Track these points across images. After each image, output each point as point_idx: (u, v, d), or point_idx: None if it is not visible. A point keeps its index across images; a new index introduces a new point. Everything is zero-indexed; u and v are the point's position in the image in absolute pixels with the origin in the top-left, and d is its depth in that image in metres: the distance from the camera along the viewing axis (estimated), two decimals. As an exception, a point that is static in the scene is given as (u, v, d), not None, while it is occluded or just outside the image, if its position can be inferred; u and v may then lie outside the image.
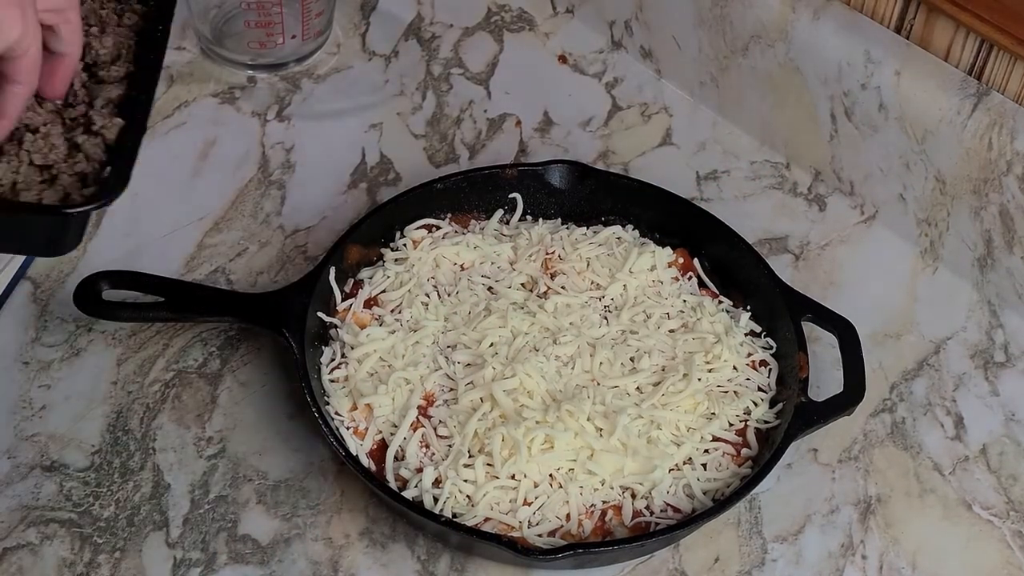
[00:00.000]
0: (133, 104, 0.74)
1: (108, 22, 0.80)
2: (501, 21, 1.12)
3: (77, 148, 0.72)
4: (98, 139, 0.72)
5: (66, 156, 0.72)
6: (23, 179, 0.71)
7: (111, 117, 0.73)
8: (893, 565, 0.82)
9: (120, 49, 0.78)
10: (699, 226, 0.92)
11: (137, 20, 0.80)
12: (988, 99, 0.89)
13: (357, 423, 0.82)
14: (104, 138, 0.72)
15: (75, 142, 0.72)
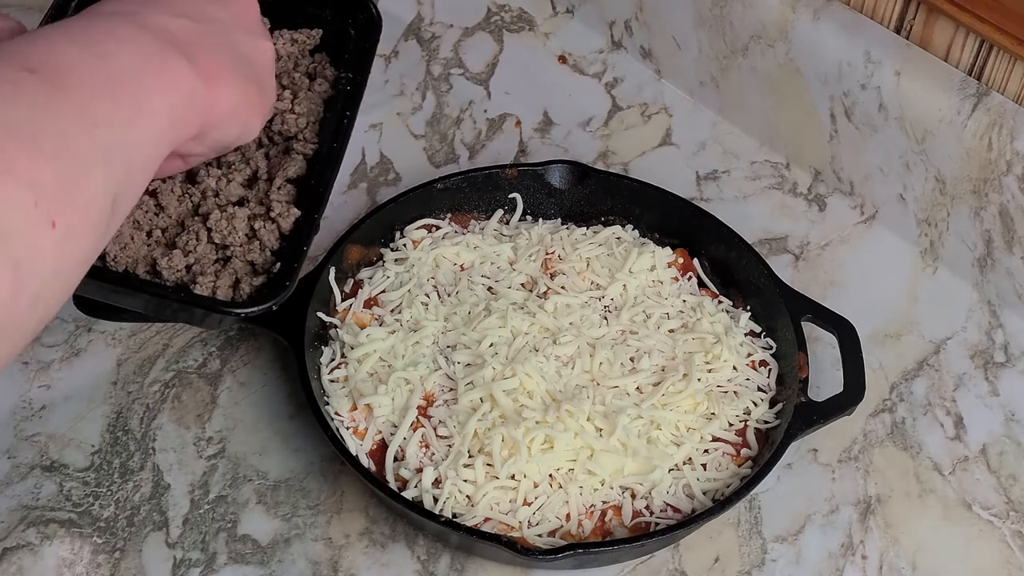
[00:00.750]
0: (311, 194, 0.75)
1: (300, 87, 0.79)
2: (501, 21, 1.12)
3: (255, 234, 0.73)
4: (274, 226, 0.73)
5: (244, 241, 0.73)
6: (199, 257, 0.72)
7: (289, 206, 0.74)
8: (893, 565, 0.82)
9: (309, 118, 0.78)
10: (699, 226, 0.92)
11: (327, 88, 0.80)
12: (988, 99, 0.89)
13: (357, 423, 0.82)
14: (279, 227, 0.73)
15: (253, 227, 0.73)
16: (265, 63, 0.68)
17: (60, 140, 0.52)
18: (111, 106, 0.56)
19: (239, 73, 0.65)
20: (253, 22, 0.69)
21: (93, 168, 0.54)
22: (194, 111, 0.62)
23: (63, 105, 0.54)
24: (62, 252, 0.52)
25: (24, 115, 0.51)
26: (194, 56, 0.61)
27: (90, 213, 0.53)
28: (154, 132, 0.58)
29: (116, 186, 0.55)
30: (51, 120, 0.52)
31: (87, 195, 0.53)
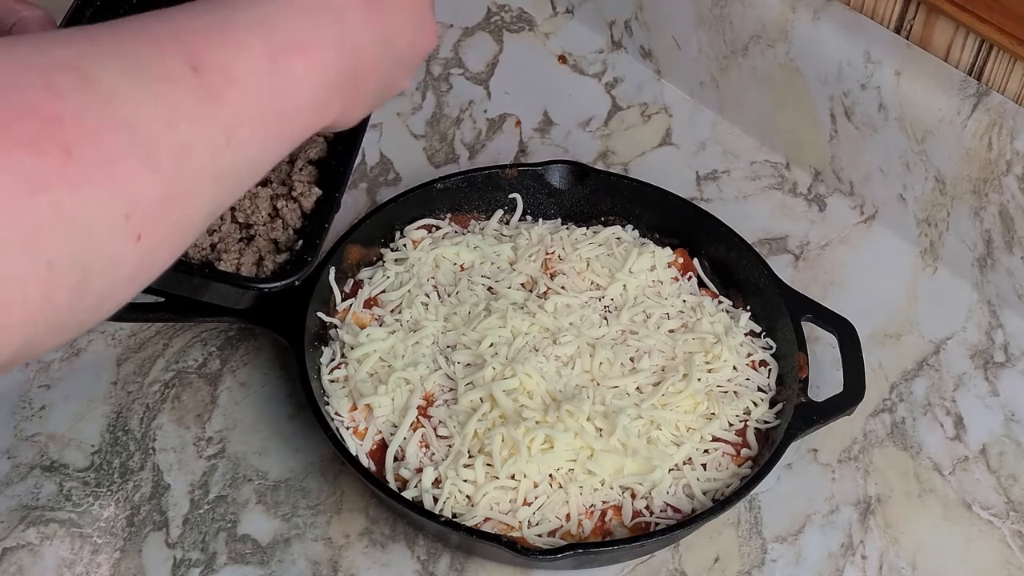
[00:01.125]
0: (332, 173, 0.76)
1: None
2: (501, 21, 1.12)
3: (277, 213, 0.75)
4: (296, 205, 0.75)
5: (267, 220, 0.75)
6: (223, 236, 0.73)
7: (310, 185, 0.76)
8: (893, 565, 0.82)
9: None
10: (699, 226, 0.92)
11: None
12: (988, 99, 0.89)
13: (357, 423, 0.82)
14: (301, 206, 0.75)
15: (276, 207, 0.75)
16: (391, 96, 0.66)
17: (182, 155, 0.49)
18: (254, 132, 0.53)
19: (372, 104, 0.63)
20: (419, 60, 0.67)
21: (202, 187, 0.51)
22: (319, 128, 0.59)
23: (206, 118, 0.51)
24: (141, 263, 0.50)
25: (154, 120, 0.48)
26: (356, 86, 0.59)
27: (181, 229, 0.51)
28: (280, 152, 0.56)
29: (218, 204, 0.53)
30: (184, 130, 0.50)
31: (184, 212, 0.51)
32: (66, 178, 0.45)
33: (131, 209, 0.47)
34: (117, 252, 0.48)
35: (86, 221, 0.46)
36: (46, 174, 0.44)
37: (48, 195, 0.44)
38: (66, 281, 0.46)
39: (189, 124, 0.50)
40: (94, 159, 0.46)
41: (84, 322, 0.49)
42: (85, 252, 0.46)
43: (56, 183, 0.45)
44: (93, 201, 0.46)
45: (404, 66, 0.65)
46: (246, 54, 0.53)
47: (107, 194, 0.46)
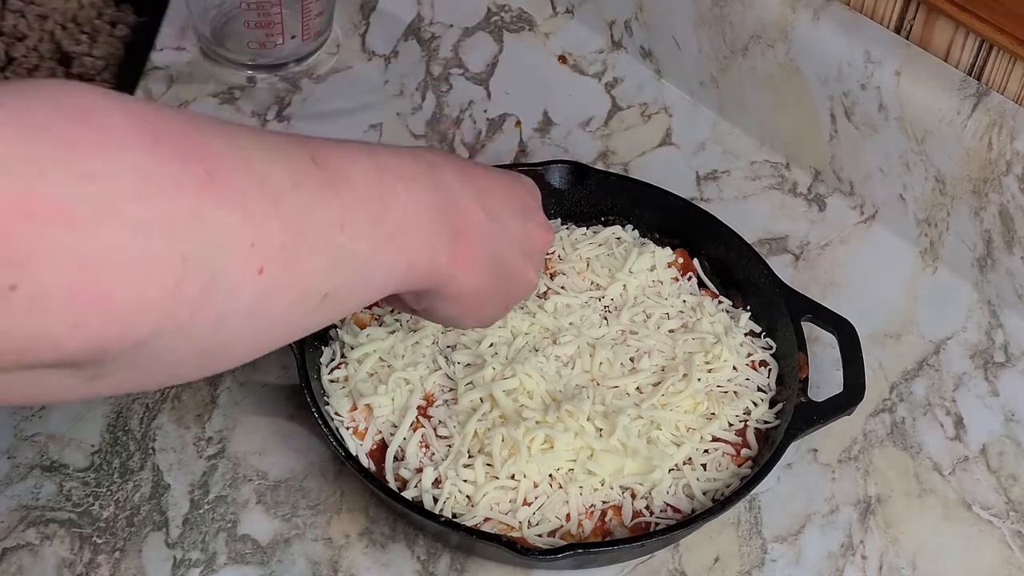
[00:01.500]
0: None
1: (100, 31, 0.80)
2: (501, 21, 1.12)
3: None
4: None
5: None
6: None
7: None
8: (893, 565, 0.82)
9: (108, 62, 0.78)
10: (699, 226, 0.92)
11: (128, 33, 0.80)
12: (988, 99, 0.89)
13: (357, 423, 0.82)
14: None
15: None
16: (519, 289, 0.74)
17: (303, 216, 0.55)
18: (365, 227, 0.59)
19: (488, 275, 0.69)
20: (535, 250, 0.73)
21: (316, 257, 0.56)
22: (432, 273, 0.65)
23: (323, 199, 0.57)
24: (261, 299, 0.53)
25: (281, 180, 0.54)
26: (461, 237, 0.66)
27: (299, 287, 0.56)
28: (388, 265, 0.62)
29: (330, 287, 0.58)
30: (304, 198, 0.55)
31: (302, 270, 0.55)
32: (205, 193, 0.50)
33: (256, 239, 0.52)
34: (240, 276, 0.52)
35: (218, 234, 0.50)
36: (189, 184, 0.49)
37: (189, 201, 0.49)
38: (196, 278, 0.50)
39: (310, 196, 0.56)
40: (229, 187, 0.51)
41: (201, 339, 0.52)
42: (214, 260, 0.50)
43: (197, 193, 0.50)
44: (225, 220, 0.51)
45: (519, 249, 0.71)
46: (358, 163, 0.60)
47: (237, 219, 0.51)
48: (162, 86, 1.04)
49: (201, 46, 1.07)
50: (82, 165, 0.46)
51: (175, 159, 0.49)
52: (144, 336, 0.49)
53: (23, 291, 0.45)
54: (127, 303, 0.48)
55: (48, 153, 0.45)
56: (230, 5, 1.05)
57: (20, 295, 0.45)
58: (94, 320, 0.47)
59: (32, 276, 0.45)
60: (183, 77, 1.05)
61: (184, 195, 0.49)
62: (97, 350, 0.48)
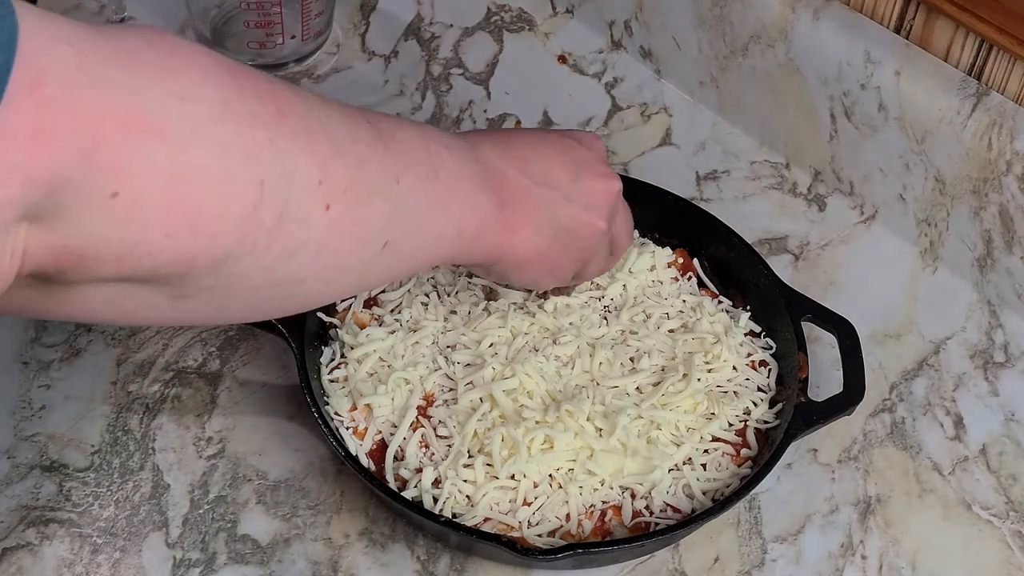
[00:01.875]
0: None
1: None
2: (501, 21, 1.12)
3: None
4: None
5: None
6: None
7: None
8: (893, 565, 0.82)
9: None
10: (699, 226, 0.92)
11: None
12: (988, 99, 0.89)
13: (357, 423, 0.82)
14: None
15: None
16: (588, 235, 0.75)
17: (362, 164, 0.59)
18: (415, 182, 0.63)
19: (547, 236, 0.72)
20: (599, 203, 0.75)
21: (376, 204, 0.60)
22: (483, 241, 0.69)
23: (378, 153, 0.61)
24: (329, 236, 0.57)
25: (341, 131, 0.59)
26: (507, 205, 0.69)
27: (362, 229, 0.60)
28: (440, 227, 0.66)
29: (390, 235, 0.61)
30: (361, 150, 0.60)
31: (364, 214, 0.59)
32: (279, 127, 0.54)
33: (323, 178, 0.56)
34: (310, 211, 0.56)
35: (290, 164, 0.54)
36: (265, 118, 0.54)
37: (265, 132, 0.53)
38: (272, 205, 0.53)
39: (367, 147, 0.60)
40: (298, 127, 0.55)
41: (275, 267, 0.56)
42: (287, 190, 0.54)
43: (272, 126, 0.54)
44: (295, 154, 0.55)
45: (576, 205, 0.74)
46: (405, 129, 0.65)
47: (306, 156, 0.55)
48: (162, 86, 1.04)
49: (201, 46, 1.07)
50: (173, 86, 0.50)
51: (251, 94, 0.54)
52: (226, 252, 0.53)
53: (123, 198, 0.48)
54: (212, 217, 0.51)
55: (143, 73, 0.49)
56: (230, 5, 1.05)
57: (121, 202, 0.48)
58: (183, 230, 0.51)
59: (131, 183, 0.48)
60: (183, 77, 1.05)
61: (260, 126, 0.53)
62: (185, 262, 0.52)
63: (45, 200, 0.47)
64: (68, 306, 0.54)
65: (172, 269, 0.52)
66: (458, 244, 0.68)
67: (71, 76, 0.46)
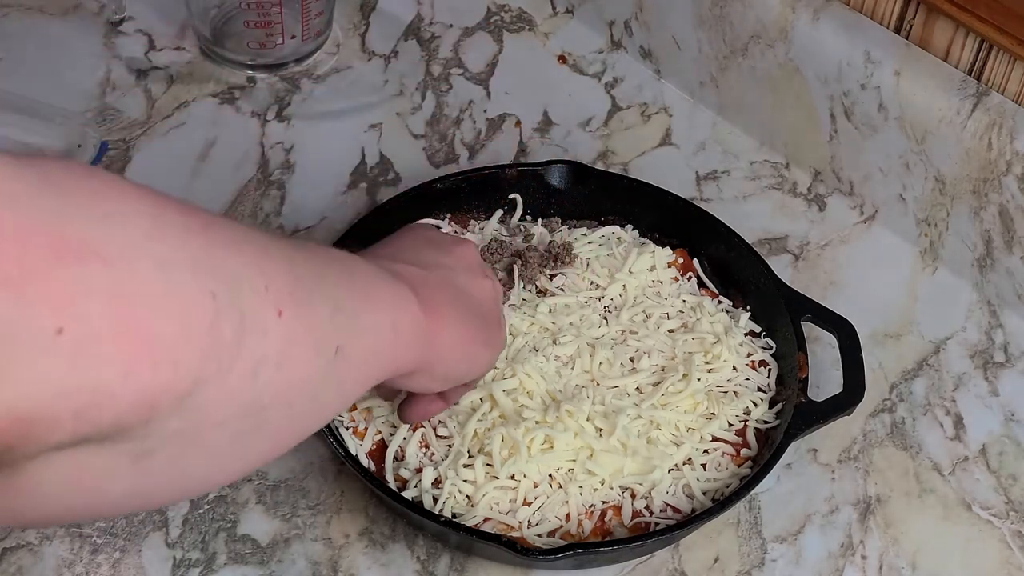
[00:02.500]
0: None
1: None
2: (501, 21, 1.12)
3: None
4: None
5: None
6: None
7: None
8: (893, 565, 0.82)
9: None
10: (699, 226, 0.92)
11: None
12: (988, 99, 0.89)
13: (357, 423, 0.82)
14: None
15: None
16: (486, 299, 0.74)
17: (292, 267, 0.56)
18: (340, 279, 0.61)
19: (459, 308, 0.71)
20: (473, 263, 0.75)
21: (319, 305, 0.57)
22: (416, 335, 0.66)
23: (299, 254, 0.58)
24: (286, 344, 0.53)
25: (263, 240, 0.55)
26: (417, 291, 0.67)
27: (314, 334, 0.56)
28: (376, 324, 0.63)
29: (339, 340, 0.58)
30: (287, 253, 0.56)
31: (312, 316, 0.56)
32: (210, 235, 0.50)
33: (268, 283, 0.52)
34: (264, 318, 0.52)
35: (234, 273, 0.50)
36: (195, 228, 0.50)
37: (199, 240, 0.49)
38: (228, 318, 0.49)
39: (288, 250, 0.57)
40: (227, 235, 0.52)
41: (240, 391, 0.51)
42: (238, 299, 0.50)
43: (204, 235, 0.50)
44: (236, 262, 0.51)
45: (460, 273, 0.73)
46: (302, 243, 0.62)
47: (245, 262, 0.52)
48: (162, 86, 1.05)
49: (201, 46, 1.07)
50: (98, 208, 0.46)
51: (175, 208, 0.50)
52: (191, 379, 0.48)
53: (70, 334, 0.43)
54: (171, 341, 0.47)
55: (67, 199, 0.45)
56: (230, 5, 1.05)
57: (67, 339, 0.43)
58: (143, 365, 0.45)
59: (75, 315, 0.43)
60: (183, 77, 1.06)
61: (193, 236, 0.49)
62: (148, 403, 0.46)
63: None
64: (15, 498, 0.47)
65: (136, 415, 0.46)
66: (395, 343, 0.64)
67: None
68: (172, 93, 1.04)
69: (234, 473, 0.58)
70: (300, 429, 0.59)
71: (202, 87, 1.05)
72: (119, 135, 1.01)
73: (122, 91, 1.04)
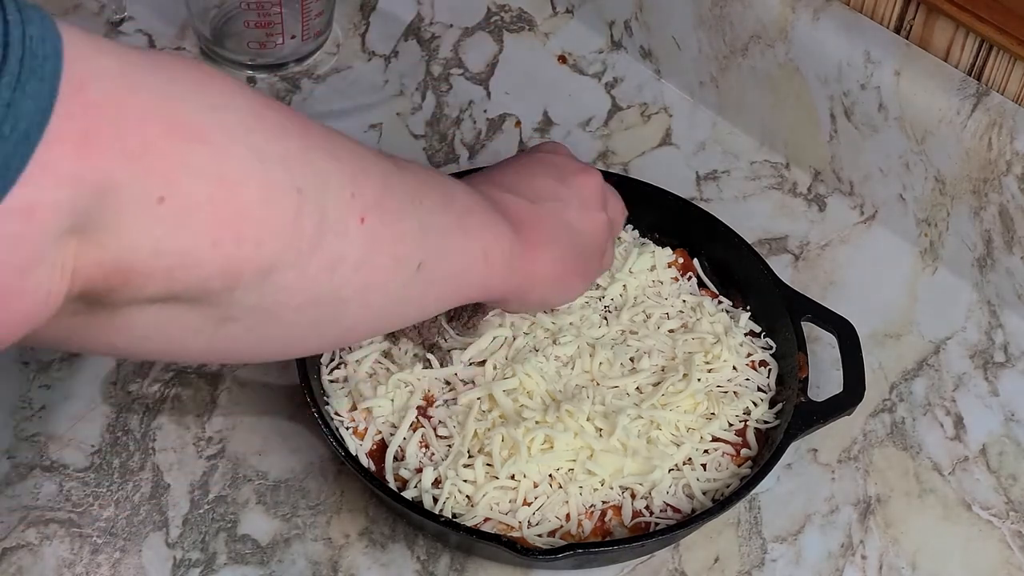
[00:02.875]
0: None
1: None
2: (501, 21, 1.12)
3: None
4: None
5: None
6: None
7: None
8: (893, 565, 0.82)
9: None
10: (699, 226, 0.92)
11: None
12: (988, 99, 0.89)
13: (357, 423, 0.82)
14: None
15: None
16: (595, 232, 0.77)
17: (388, 181, 0.60)
18: (436, 204, 0.64)
19: (561, 242, 0.73)
20: (591, 195, 0.77)
21: (406, 220, 0.61)
22: (508, 264, 0.69)
23: (398, 174, 0.61)
24: (366, 249, 0.58)
25: (363, 153, 0.60)
26: (520, 227, 0.70)
27: (396, 246, 0.60)
28: (466, 250, 0.66)
29: (423, 255, 0.62)
30: (386, 168, 0.61)
31: (396, 229, 0.60)
32: (308, 139, 0.56)
33: (355, 191, 0.57)
34: (346, 222, 0.56)
35: (323, 175, 0.55)
36: (293, 130, 0.55)
37: (296, 142, 0.55)
38: (311, 214, 0.54)
39: (388, 167, 0.61)
40: (324, 141, 0.57)
41: (317, 281, 0.56)
42: (323, 200, 0.55)
43: (302, 137, 0.55)
44: (327, 165, 0.56)
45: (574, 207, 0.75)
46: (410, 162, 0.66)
47: (336, 167, 0.57)
48: (162, 86, 1.04)
49: (201, 46, 1.07)
50: (207, 97, 0.51)
51: (277, 108, 0.55)
52: (271, 261, 0.53)
53: (170, 203, 0.48)
54: (256, 223, 0.52)
55: (179, 83, 0.50)
56: (230, 5, 1.05)
57: (168, 207, 0.48)
58: (229, 238, 0.51)
59: (177, 188, 0.48)
60: (183, 77, 1.05)
61: (291, 137, 0.54)
62: (232, 273, 0.52)
63: (94, 207, 0.46)
64: (113, 334, 0.53)
65: (220, 282, 0.52)
66: (485, 269, 0.68)
67: (115, 82, 0.47)
68: (172, 93, 1.04)
69: (308, 350, 0.66)
70: (377, 327, 0.65)
71: (202, 87, 1.05)
72: (119, 135, 1.01)
73: (122, 91, 1.04)
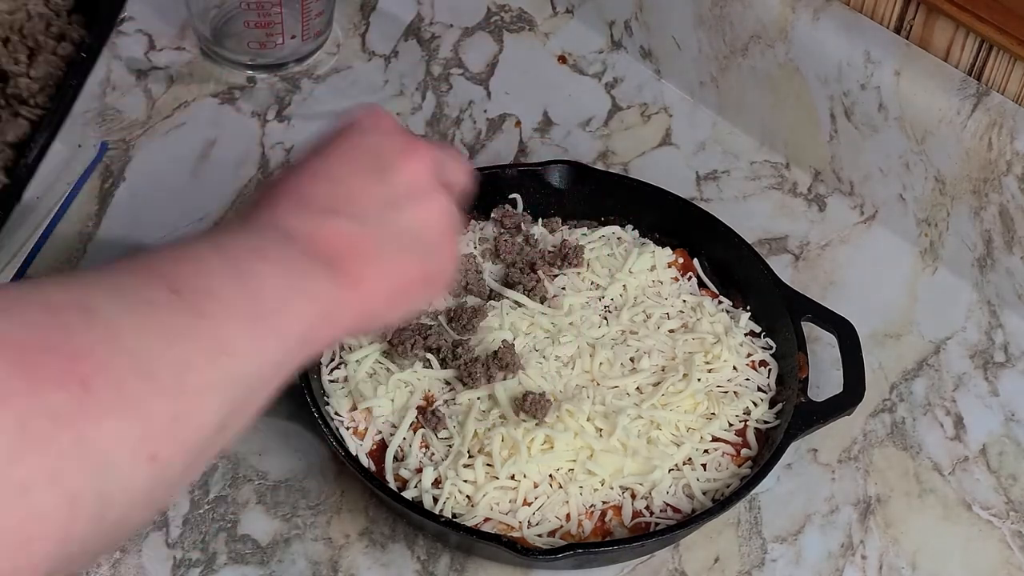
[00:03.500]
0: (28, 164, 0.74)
1: (43, 48, 0.77)
2: (501, 21, 1.12)
3: None
4: None
5: None
6: None
7: None
8: (893, 565, 0.82)
9: (46, 82, 0.76)
10: (699, 226, 0.92)
11: (72, 51, 0.78)
12: (988, 99, 0.89)
13: (357, 423, 0.82)
14: None
15: None
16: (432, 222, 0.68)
17: (182, 371, 0.52)
18: (245, 333, 0.56)
19: (394, 256, 0.64)
20: (420, 183, 0.67)
21: (209, 398, 0.54)
22: (331, 324, 0.61)
23: (195, 330, 0.53)
24: (154, 482, 0.51)
25: (152, 343, 0.51)
26: (342, 261, 0.61)
27: (192, 443, 0.53)
28: (283, 353, 0.59)
29: (229, 412, 0.55)
30: (179, 348, 0.52)
31: (195, 425, 0.53)
32: (86, 411, 0.47)
33: (144, 431, 0.49)
34: (132, 474, 0.49)
35: (106, 450, 0.48)
36: (70, 409, 0.46)
37: (72, 430, 0.46)
38: (85, 513, 0.47)
39: (183, 339, 0.52)
40: (108, 389, 0.48)
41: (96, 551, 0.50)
42: (104, 481, 0.48)
43: (79, 417, 0.47)
44: (110, 429, 0.48)
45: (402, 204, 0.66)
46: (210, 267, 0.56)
47: (122, 420, 0.48)
48: (162, 86, 1.04)
49: (201, 46, 1.07)
50: None
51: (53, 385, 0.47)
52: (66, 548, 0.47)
53: None
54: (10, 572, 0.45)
55: None
56: (230, 5, 1.05)
57: None
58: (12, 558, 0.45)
59: None
60: (183, 77, 1.06)
61: (67, 427, 0.46)
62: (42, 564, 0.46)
63: None
64: None
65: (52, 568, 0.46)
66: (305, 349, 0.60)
67: None
68: (172, 93, 1.04)
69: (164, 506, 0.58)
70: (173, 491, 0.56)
71: (202, 87, 1.05)
72: (119, 135, 1.01)
73: (122, 91, 1.04)
